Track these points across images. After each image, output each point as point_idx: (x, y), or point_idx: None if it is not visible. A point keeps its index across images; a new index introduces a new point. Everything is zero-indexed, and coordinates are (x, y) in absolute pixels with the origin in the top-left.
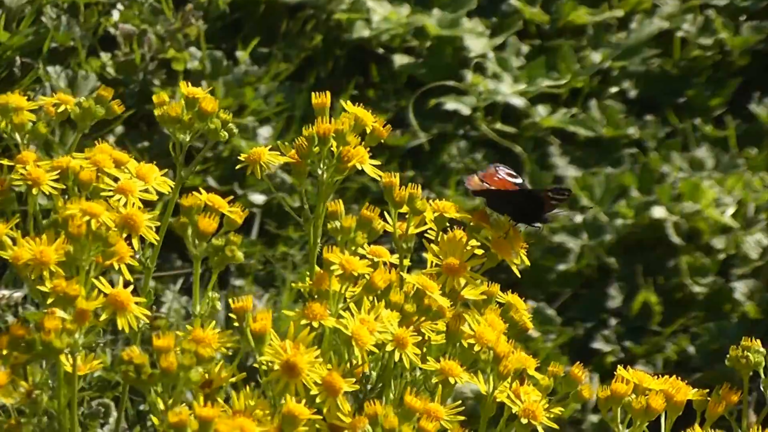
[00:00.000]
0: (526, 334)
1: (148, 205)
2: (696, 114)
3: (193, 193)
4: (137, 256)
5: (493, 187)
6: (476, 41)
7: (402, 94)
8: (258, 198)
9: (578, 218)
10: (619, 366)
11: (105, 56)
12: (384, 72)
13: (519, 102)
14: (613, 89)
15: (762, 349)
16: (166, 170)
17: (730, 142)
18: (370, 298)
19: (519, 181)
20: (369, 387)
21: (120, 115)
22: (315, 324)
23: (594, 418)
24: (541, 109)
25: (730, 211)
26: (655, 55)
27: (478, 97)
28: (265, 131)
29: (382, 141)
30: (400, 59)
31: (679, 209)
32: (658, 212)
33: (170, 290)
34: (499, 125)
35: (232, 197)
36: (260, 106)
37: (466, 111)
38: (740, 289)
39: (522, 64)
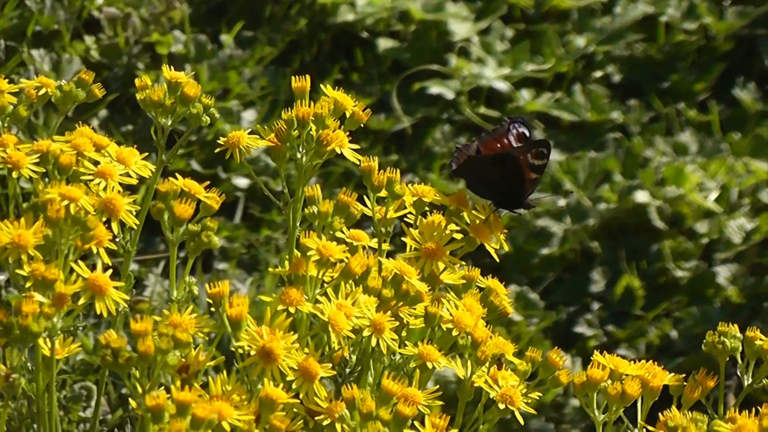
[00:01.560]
0: (508, 318)
1: (129, 188)
2: (680, 99)
3: (170, 178)
4: (117, 240)
5: (474, 154)
6: (460, 25)
7: (386, 78)
8: (242, 182)
9: (562, 202)
10: (595, 351)
11: (89, 40)
12: (368, 56)
13: (503, 86)
14: (597, 74)
15: (739, 335)
16: (148, 153)
17: (713, 126)
18: (348, 283)
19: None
20: (348, 371)
21: (104, 99)
22: (291, 310)
23: (576, 402)
24: (525, 93)
25: (713, 195)
26: (639, 40)
27: (463, 82)
28: (249, 115)
29: (365, 125)
30: (384, 43)
31: (663, 194)
32: (642, 197)
33: (153, 273)
34: (483, 109)
35: (209, 182)
36: (244, 89)
37: (450, 95)
38: (723, 273)
39: (506, 49)
